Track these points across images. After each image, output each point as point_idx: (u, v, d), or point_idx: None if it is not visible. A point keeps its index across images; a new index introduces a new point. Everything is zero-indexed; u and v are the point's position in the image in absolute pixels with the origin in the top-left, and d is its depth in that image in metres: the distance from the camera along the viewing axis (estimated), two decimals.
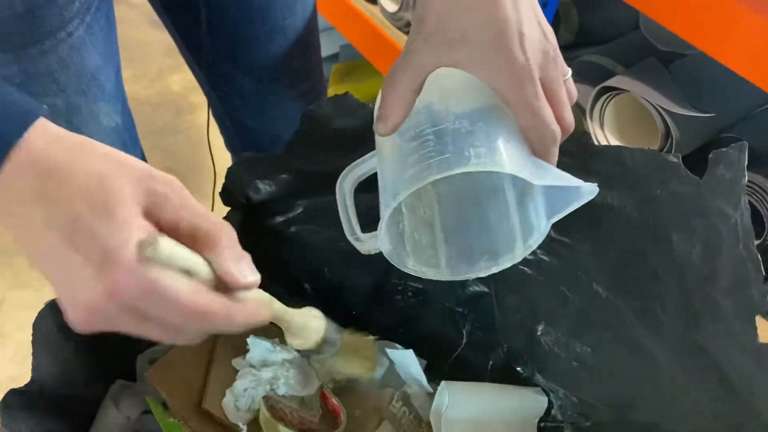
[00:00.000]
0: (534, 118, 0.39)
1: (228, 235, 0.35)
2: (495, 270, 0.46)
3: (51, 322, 0.52)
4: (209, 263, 0.34)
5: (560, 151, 0.41)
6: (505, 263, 0.45)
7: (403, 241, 0.47)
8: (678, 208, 0.45)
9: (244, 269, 0.35)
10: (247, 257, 0.36)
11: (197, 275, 0.34)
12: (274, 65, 0.76)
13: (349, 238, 0.45)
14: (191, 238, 0.34)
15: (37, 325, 0.51)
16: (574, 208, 0.41)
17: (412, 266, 0.46)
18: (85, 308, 0.33)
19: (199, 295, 0.33)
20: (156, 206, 0.33)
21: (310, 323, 0.45)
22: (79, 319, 0.33)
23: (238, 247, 0.35)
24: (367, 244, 0.45)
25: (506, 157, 0.38)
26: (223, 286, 0.35)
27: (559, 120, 0.40)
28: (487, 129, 0.39)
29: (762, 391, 0.43)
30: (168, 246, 0.32)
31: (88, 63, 0.58)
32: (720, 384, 0.46)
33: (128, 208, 0.32)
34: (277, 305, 0.42)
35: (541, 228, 0.43)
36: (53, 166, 0.32)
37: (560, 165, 0.41)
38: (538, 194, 0.43)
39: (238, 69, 0.75)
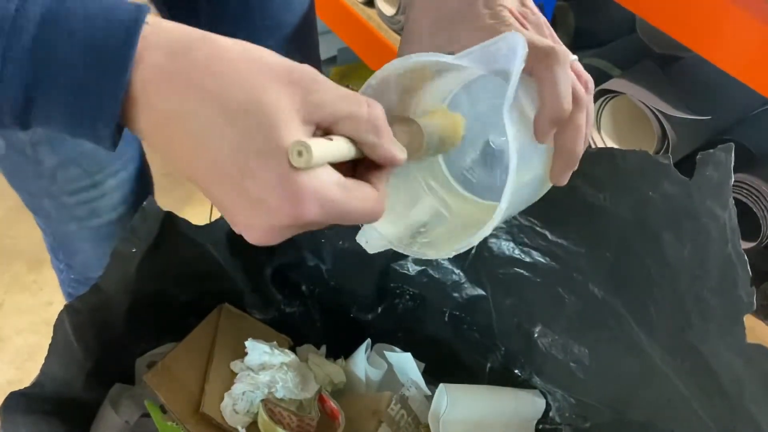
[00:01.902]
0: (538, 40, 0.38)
1: (379, 119, 0.35)
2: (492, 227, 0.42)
3: (67, 325, 0.53)
4: (360, 146, 0.36)
5: None
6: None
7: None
8: (669, 209, 0.46)
9: (399, 151, 0.36)
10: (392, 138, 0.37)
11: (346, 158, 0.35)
12: None
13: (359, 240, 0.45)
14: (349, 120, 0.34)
15: (57, 327, 0.52)
16: (518, 71, 0.36)
17: (412, 249, 0.44)
18: (267, 231, 0.34)
19: (366, 202, 0.35)
20: (313, 113, 0.33)
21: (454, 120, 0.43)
22: (257, 238, 0.34)
23: (389, 130, 0.36)
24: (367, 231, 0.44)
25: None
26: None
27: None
28: None
29: (751, 390, 0.43)
30: (318, 150, 0.32)
31: None
32: (711, 383, 0.46)
33: (292, 129, 0.32)
34: (417, 130, 0.40)
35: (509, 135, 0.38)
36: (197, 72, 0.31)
37: None
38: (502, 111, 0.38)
39: None
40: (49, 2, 0.30)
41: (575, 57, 0.42)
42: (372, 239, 0.44)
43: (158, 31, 0.31)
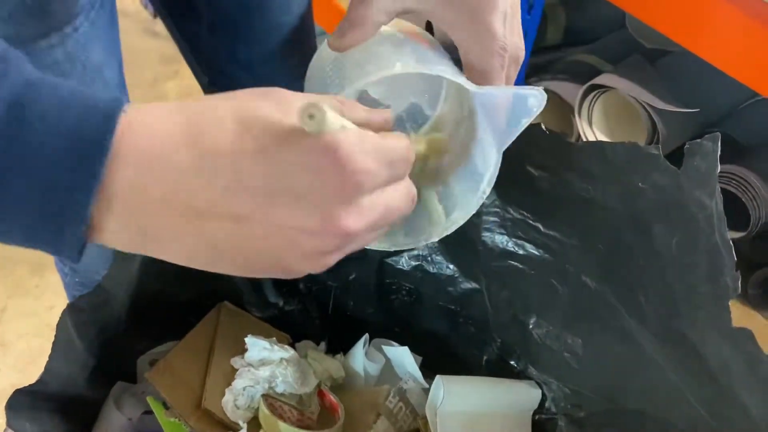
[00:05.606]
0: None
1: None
2: (452, 230, 0.45)
3: (69, 324, 0.54)
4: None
5: (539, 155, 0.42)
6: (460, 221, 0.45)
7: None
8: (659, 200, 0.47)
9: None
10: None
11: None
12: (272, 62, 0.77)
13: None
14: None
15: (60, 326, 0.53)
16: (524, 126, 0.41)
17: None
18: (321, 259, 0.31)
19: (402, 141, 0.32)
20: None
21: None
22: (316, 268, 0.32)
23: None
24: None
25: (439, 65, 0.39)
26: None
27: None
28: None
29: (738, 374, 0.44)
30: (329, 111, 0.29)
31: (93, 58, 0.60)
32: (701, 369, 0.47)
33: (292, 106, 0.30)
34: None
35: (491, 167, 0.42)
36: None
37: (539, 167, 0.42)
38: (484, 134, 0.43)
39: (238, 66, 0.77)
40: (18, 88, 0.27)
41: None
42: None
43: (136, 126, 0.28)
